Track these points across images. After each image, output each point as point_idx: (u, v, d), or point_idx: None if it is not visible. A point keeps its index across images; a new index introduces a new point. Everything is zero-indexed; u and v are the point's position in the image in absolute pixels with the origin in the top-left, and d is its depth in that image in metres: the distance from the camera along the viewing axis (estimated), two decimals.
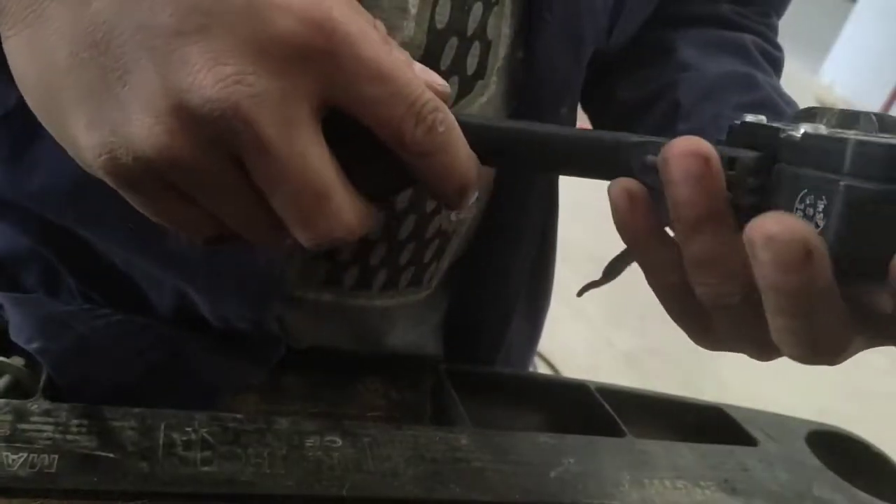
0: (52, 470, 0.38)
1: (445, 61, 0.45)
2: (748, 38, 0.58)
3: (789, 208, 0.27)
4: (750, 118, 0.32)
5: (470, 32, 0.45)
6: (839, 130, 0.27)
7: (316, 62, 0.26)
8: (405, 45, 0.43)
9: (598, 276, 0.40)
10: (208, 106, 0.25)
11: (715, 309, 0.32)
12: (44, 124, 0.29)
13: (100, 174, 0.28)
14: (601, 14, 0.51)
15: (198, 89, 0.25)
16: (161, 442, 0.41)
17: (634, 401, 0.60)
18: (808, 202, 0.26)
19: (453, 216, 0.52)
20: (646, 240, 0.33)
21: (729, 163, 0.29)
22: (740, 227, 0.28)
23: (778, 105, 0.52)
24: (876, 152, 0.24)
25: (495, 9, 0.46)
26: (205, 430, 0.43)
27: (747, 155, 0.29)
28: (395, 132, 0.28)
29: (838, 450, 0.59)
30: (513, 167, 0.46)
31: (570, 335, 2.03)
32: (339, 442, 0.45)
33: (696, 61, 0.55)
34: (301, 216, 0.28)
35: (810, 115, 0.30)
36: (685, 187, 0.29)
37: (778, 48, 0.60)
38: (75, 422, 0.41)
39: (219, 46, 0.25)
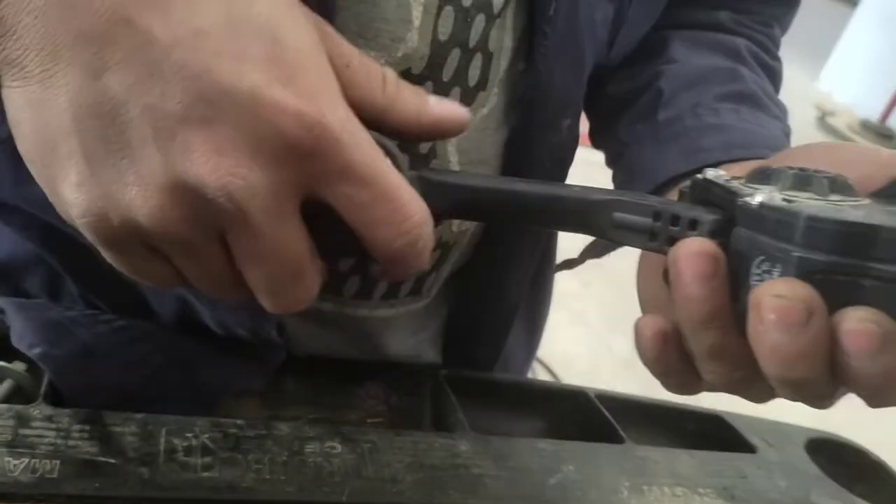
0: (54, 475, 0.38)
1: (448, 72, 0.45)
2: (742, 42, 0.58)
3: (746, 271, 0.29)
4: (710, 174, 0.33)
5: (472, 44, 0.45)
6: (793, 194, 0.30)
7: (305, 160, 0.28)
8: (409, 57, 0.43)
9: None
10: (204, 190, 0.27)
11: (721, 388, 0.34)
12: (30, 169, 0.30)
13: (81, 228, 0.29)
14: (600, 28, 0.51)
15: (196, 174, 0.27)
16: (162, 448, 0.41)
17: (633, 407, 0.60)
18: (763, 268, 0.28)
19: (455, 227, 0.52)
20: (677, 369, 0.35)
21: (690, 224, 0.31)
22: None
23: (760, 99, 0.52)
24: (826, 227, 0.27)
25: (497, 21, 0.46)
26: (206, 435, 0.43)
27: (709, 217, 0.31)
28: (371, 234, 0.31)
29: (837, 457, 0.59)
30: (487, 222, 0.47)
31: (569, 341, 2.03)
32: (339, 448, 0.45)
33: (683, 54, 0.56)
34: (272, 291, 0.31)
35: (765, 176, 0.32)
36: (695, 286, 0.31)
37: (775, 58, 0.60)
38: (77, 427, 0.41)
39: (219, 138, 0.27)
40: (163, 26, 0.27)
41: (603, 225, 0.33)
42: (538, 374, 1.83)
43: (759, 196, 0.29)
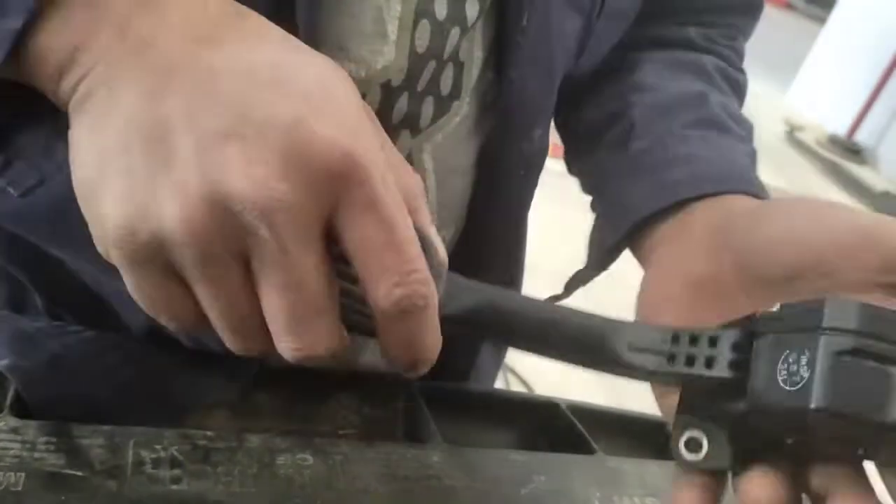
0: (19, 488, 0.37)
1: (422, 83, 0.46)
2: (709, 59, 0.59)
3: (773, 374, 0.29)
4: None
5: (445, 56, 0.46)
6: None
7: (335, 183, 0.29)
8: (388, 69, 0.44)
9: (577, 298, 0.42)
10: (237, 199, 0.28)
11: None
12: (78, 196, 0.31)
13: (110, 246, 0.30)
14: (570, 38, 0.52)
15: (231, 186, 0.28)
16: (130, 460, 0.41)
17: (605, 418, 0.60)
18: (790, 360, 0.28)
19: None
20: None
21: (710, 341, 0.31)
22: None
23: (724, 123, 0.53)
24: (850, 308, 0.27)
25: (468, 33, 0.46)
26: (174, 448, 0.43)
27: (728, 333, 0.32)
28: (375, 278, 0.30)
29: None
30: (495, 338, 0.46)
31: None
32: (311, 460, 0.45)
33: (654, 81, 0.56)
34: (292, 323, 0.30)
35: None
36: None
37: (740, 71, 0.61)
38: (43, 439, 0.40)
39: (257, 153, 0.28)
40: (222, 59, 0.30)
41: (618, 348, 0.33)
42: (511, 384, 1.83)
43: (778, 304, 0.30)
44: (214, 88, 0.29)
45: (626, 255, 0.54)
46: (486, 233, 0.56)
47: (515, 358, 0.71)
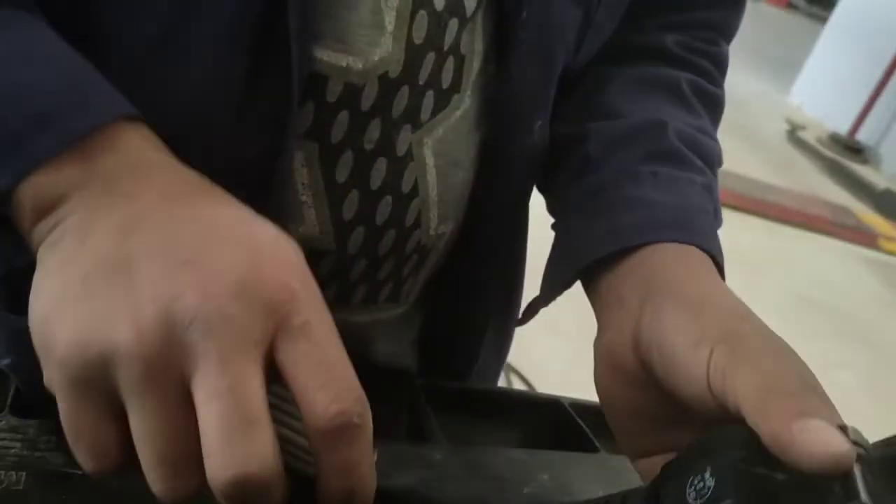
0: (20, 487, 0.37)
1: (423, 76, 0.46)
2: (685, 77, 0.57)
3: (683, 498, 0.31)
4: None
5: (446, 48, 0.46)
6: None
7: (276, 314, 0.31)
8: (384, 60, 0.44)
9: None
10: (188, 313, 0.29)
11: None
12: (31, 324, 0.32)
13: (56, 367, 0.30)
14: (571, 30, 0.52)
15: (184, 299, 0.29)
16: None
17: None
18: (696, 482, 0.30)
19: (432, 230, 0.52)
20: None
21: (623, 498, 0.35)
22: None
23: (682, 156, 0.51)
24: (736, 430, 0.31)
25: (468, 25, 0.46)
26: None
27: (637, 491, 0.35)
28: (311, 396, 0.30)
29: None
30: None
31: (544, 351, 2.03)
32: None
33: (618, 105, 0.55)
34: (226, 434, 0.29)
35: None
36: None
37: (717, 84, 0.60)
38: (44, 438, 0.40)
39: (212, 278, 0.30)
40: (190, 212, 0.33)
41: None
42: (513, 383, 1.83)
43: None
44: (179, 230, 0.32)
45: None
46: (487, 226, 0.56)
47: (517, 356, 0.71)
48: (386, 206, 0.49)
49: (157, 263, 0.30)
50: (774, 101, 5.95)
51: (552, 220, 0.56)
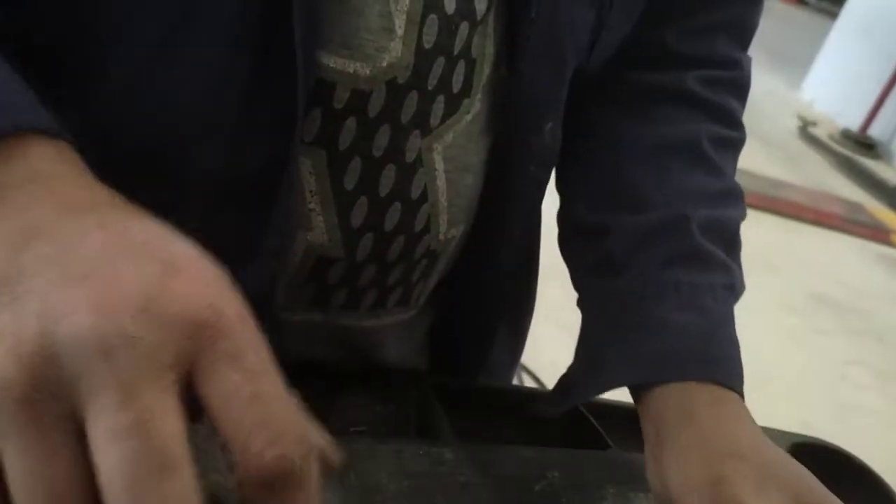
0: None
1: (433, 81, 0.45)
2: (706, 132, 0.56)
3: None
4: None
5: (456, 52, 0.45)
6: None
7: (195, 336, 0.25)
8: (393, 66, 0.43)
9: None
10: (78, 334, 0.23)
11: None
12: None
13: None
14: (582, 31, 0.51)
15: (74, 317, 0.24)
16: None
17: (619, 413, 0.60)
18: None
19: (442, 235, 0.52)
20: None
21: None
22: None
23: (707, 256, 0.51)
24: None
25: (479, 28, 0.46)
26: None
27: None
28: (244, 437, 0.25)
29: (821, 462, 0.59)
30: None
31: (556, 351, 2.02)
32: None
33: (643, 188, 0.55)
34: (133, 484, 0.23)
35: None
36: None
37: (737, 124, 0.59)
38: None
39: (113, 290, 0.24)
40: (94, 221, 0.27)
41: None
42: (525, 383, 1.82)
43: None
44: (79, 242, 0.26)
45: None
46: (498, 228, 0.55)
47: (528, 355, 0.71)
48: (395, 212, 0.48)
49: (50, 277, 0.25)
50: (785, 97, 5.92)
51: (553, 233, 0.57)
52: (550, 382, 0.58)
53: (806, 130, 5.51)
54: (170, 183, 0.41)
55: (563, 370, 0.56)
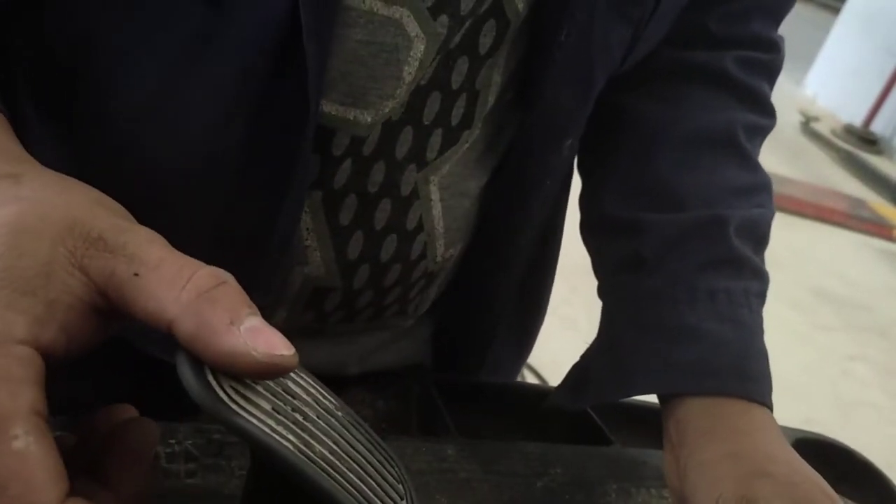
0: None
1: (429, 116, 0.44)
2: (741, 122, 0.54)
3: None
4: None
5: (456, 86, 0.44)
6: None
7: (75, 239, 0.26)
8: (392, 109, 0.42)
9: (591, 290, 0.41)
10: None
11: None
12: None
13: None
14: (616, 48, 0.48)
15: None
16: (158, 432, 0.41)
17: (621, 410, 0.60)
18: None
19: (439, 258, 0.51)
20: None
21: None
22: None
23: (742, 262, 0.50)
24: None
25: (489, 60, 0.44)
26: (189, 442, 0.43)
27: None
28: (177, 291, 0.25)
29: (823, 457, 0.59)
30: None
31: (558, 346, 2.02)
32: None
33: (675, 183, 0.52)
34: None
35: None
36: None
37: (769, 110, 0.57)
38: (56, 434, 0.40)
39: None
40: None
41: None
42: (527, 379, 1.82)
43: None
44: None
45: None
46: (506, 241, 0.55)
47: (532, 353, 0.71)
48: (391, 243, 0.48)
49: None
50: (788, 92, 5.90)
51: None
52: (552, 378, 0.57)
53: (808, 126, 5.50)
54: (167, 223, 0.41)
55: (565, 365, 0.55)
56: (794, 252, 3.52)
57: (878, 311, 3.27)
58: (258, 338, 0.24)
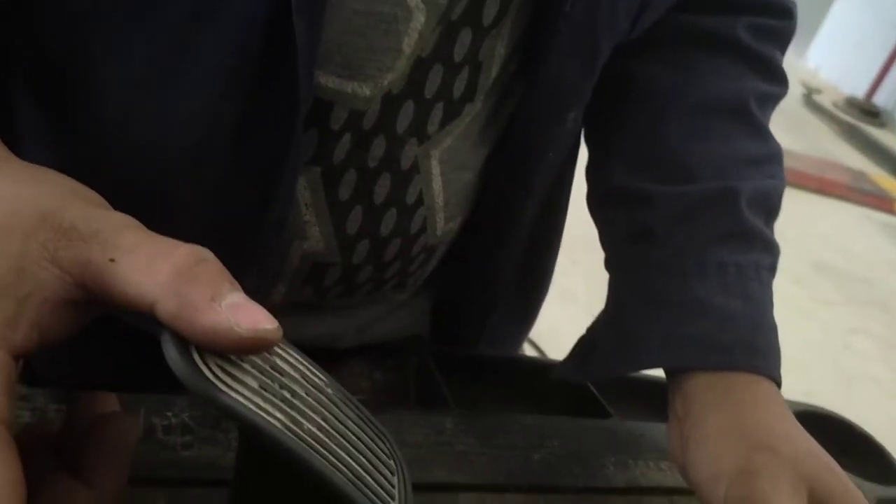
0: None
1: (431, 89, 0.43)
2: (752, 91, 0.53)
3: None
4: None
5: (458, 59, 0.43)
6: None
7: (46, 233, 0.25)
8: (392, 81, 0.41)
9: (590, 262, 0.40)
10: None
11: None
12: None
13: None
14: (623, 18, 0.47)
15: None
16: (141, 427, 0.41)
17: (620, 383, 0.59)
18: None
19: (439, 232, 0.51)
20: None
21: None
22: None
23: (753, 234, 0.49)
24: None
25: (492, 31, 0.43)
26: (185, 414, 0.42)
27: None
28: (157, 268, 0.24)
29: (824, 430, 0.59)
30: None
31: (557, 318, 2.03)
32: None
33: (684, 153, 0.51)
34: None
35: None
36: None
37: (781, 77, 0.56)
38: (53, 406, 0.40)
39: None
40: None
41: None
42: (525, 350, 1.82)
43: None
44: None
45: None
46: (505, 211, 0.54)
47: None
48: (390, 218, 0.47)
49: None
50: (790, 64, 5.81)
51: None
52: (550, 349, 0.57)
53: (810, 98, 5.47)
54: (162, 205, 0.41)
55: (563, 337, 0.55)
56: (794, 226, 3.52)
57: (879, 284, 3.27)
58: (240, 313, 0.24)
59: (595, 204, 0.56)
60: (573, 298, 2.26)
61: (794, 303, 2.89)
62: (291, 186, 0.42)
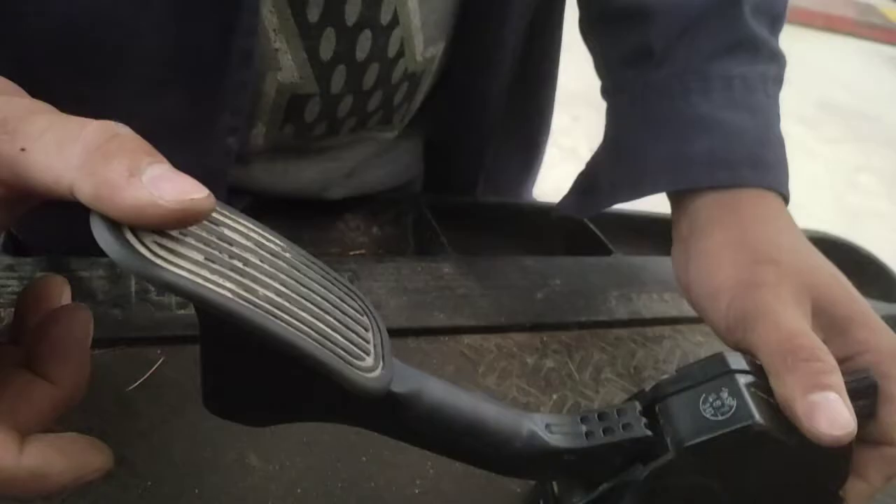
0: None
1: None
2: None
3: (696, 414, 0.32)
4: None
5: None
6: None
7: None
8: None
9: (591, 119, 0.39)
10: None
11: None
12: None
13: None
14: None
15: None
16: (133, 290, 0.40)
17: (620, 221, 0.59)
18: (711, 399, 0.32)
19: (419, 56, 0.49)
20: None
21: (618, 413, 0.33)
22: None
23: (758, 44, 0.46)
24: (740, 357, 0.33)
25: None
26: None
27: (632, 403, 0.33)
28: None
29: (831, 254, 0.58)
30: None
31: (560, 176, 2.02)
32: None
33: None
34: None
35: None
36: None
37: None
38: (40, 275, 0.40)
39: None
40: None
41: (540, 433, 0.32)
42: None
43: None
44: None
45: None
46: (487, 36, 0.52)
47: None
48: (365, 40, 0.45)
49: None
50: None
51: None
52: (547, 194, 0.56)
53: None
54: (118, 57, 0.38)
55: (561, 180, 0.54)
56: (799, 65, 3.42)
57: (885, 120, 3.23)
58: (164, 185, 0.22)
59: (589, 28, 0.53)
60: (575, 156, 2.23)
61: (798, 144, 2.87)
62: (255, 10, 0.40)
